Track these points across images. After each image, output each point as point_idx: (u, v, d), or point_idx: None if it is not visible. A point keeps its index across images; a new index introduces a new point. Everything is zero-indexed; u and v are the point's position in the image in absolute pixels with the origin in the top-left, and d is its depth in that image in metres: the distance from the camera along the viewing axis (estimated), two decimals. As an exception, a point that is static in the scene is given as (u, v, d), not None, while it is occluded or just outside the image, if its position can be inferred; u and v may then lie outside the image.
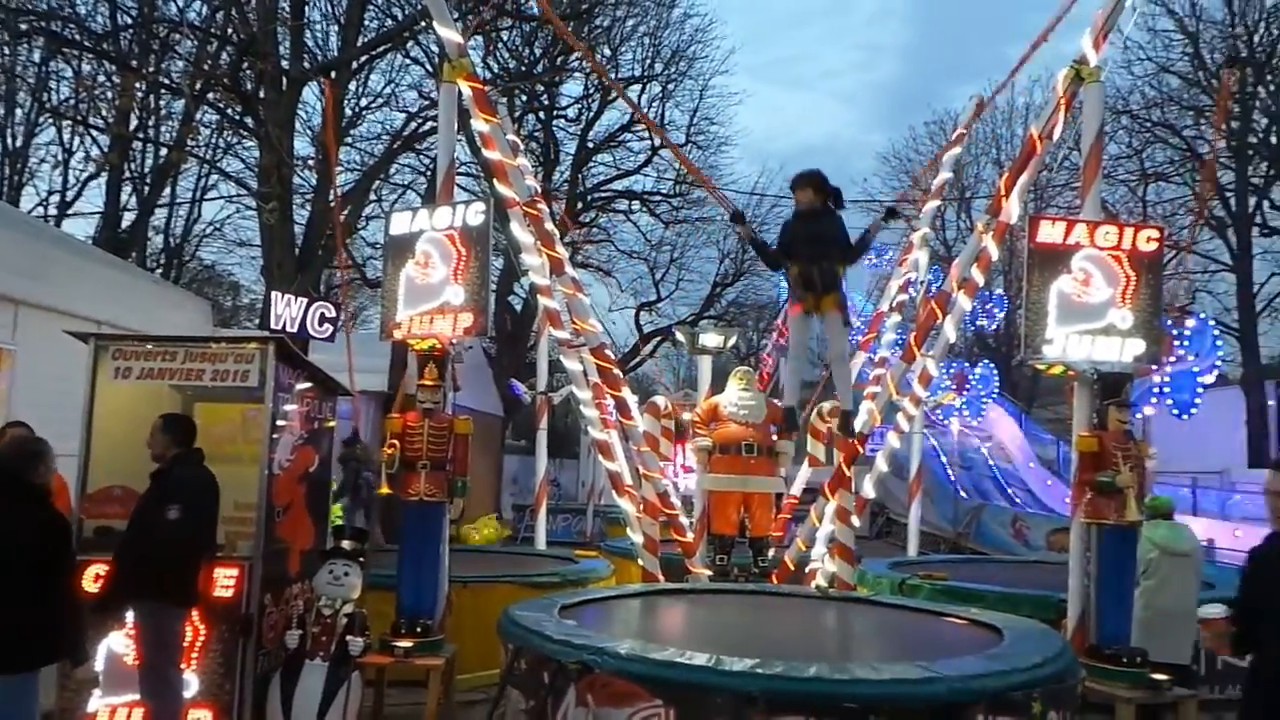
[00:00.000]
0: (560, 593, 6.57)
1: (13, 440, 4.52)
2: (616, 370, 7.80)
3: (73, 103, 16.64)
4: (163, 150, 17.75)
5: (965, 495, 18.91)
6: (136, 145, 18.14)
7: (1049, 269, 5.99)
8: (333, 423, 6.52)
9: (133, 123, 17.05)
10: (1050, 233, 6.05)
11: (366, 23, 16.02)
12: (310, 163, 15.02)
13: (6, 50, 16.96)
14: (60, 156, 20.00)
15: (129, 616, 4.74)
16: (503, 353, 23.61)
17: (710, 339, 8.92)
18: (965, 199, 28.52)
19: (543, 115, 24.54)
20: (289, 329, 8.53)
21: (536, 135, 24.64)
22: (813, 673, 3.78)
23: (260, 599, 5.17)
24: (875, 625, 5.90)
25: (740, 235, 7.52)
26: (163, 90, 16.57)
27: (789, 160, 47.14)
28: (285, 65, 13.98)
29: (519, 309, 24.13)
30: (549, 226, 7.65)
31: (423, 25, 14.84)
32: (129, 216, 18.61)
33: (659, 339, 28.03)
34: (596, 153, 25.90)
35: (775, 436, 7.73)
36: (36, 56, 17.45)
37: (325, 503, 6.42)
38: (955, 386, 16.23)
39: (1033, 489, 20.29)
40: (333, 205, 12.25)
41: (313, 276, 13.91)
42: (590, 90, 25.07)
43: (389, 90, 19.79)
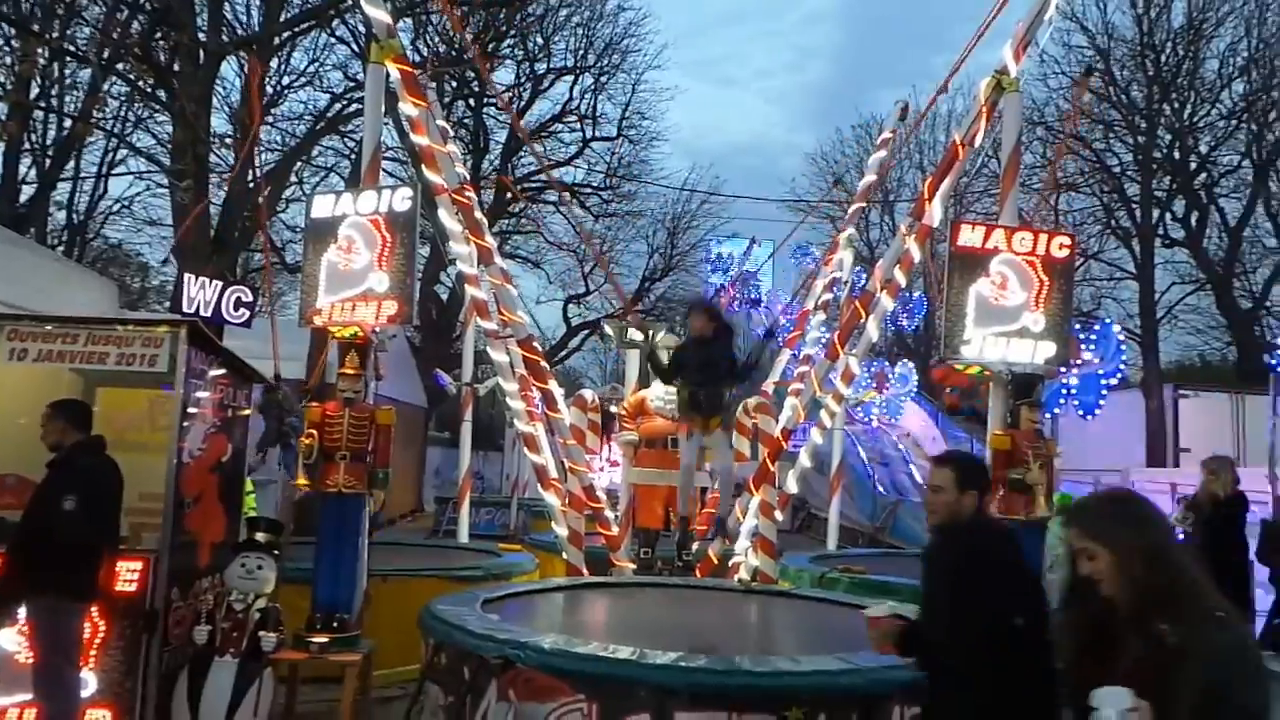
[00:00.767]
0: (483, 587, 6.49)
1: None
2: (543, 362, 7.73)
3: (-34, 68, 15.65)
4: (67, 121, 16.85)
5: (883, 491, 19.41)
6: (38, 115, 17.17)
7: (968, 272, 6.17)
8: (248, 411, 6.30)
9: (34, 91, 16.13)
10: (970, 237, 6.24)
11: (290, -3, 15.52)
12: (228, 141, 14.45)
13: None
14: (-48, 125, 18.81)
15: (22, 612, 4.49)
16: (427, 343, 23.22)
17: (638, 333, 8.91)
18: (889, 202, 29.22)
19: (473, 102, 24.19)
20: (202, 313, 8.19)
21: (466, 122, 24.28)
22: (736, 665, 3.82)
23: (166, 593, 4.95)
24: (796, 618, 6.00)
25: (640, 350, 8.13)
26: (68, 58, 15.71)
27: (719, 158, 47.79)
28: (202, 37, 13.41)
29: (445, 298, 23.75)
30: (477, 215, 7.53)
31: (349, 3, 14.43)
32: (28, 190, 17.62)
33: (587, 332, 27.99)
34: (530, 141, 25.65)
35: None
36: (-74, 17, 16.37)
37: (238, 493, 6.20)
38: (876, 385, 16.64)
39: (947, 485, 20.90)
40: (252, 186, 11.82)
41: (229, 259, 13.40)
42: (521, 79, 24.83)
43: (313, 69, 19.21)
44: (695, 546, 7.84)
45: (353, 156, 17.77)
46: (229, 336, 8.79)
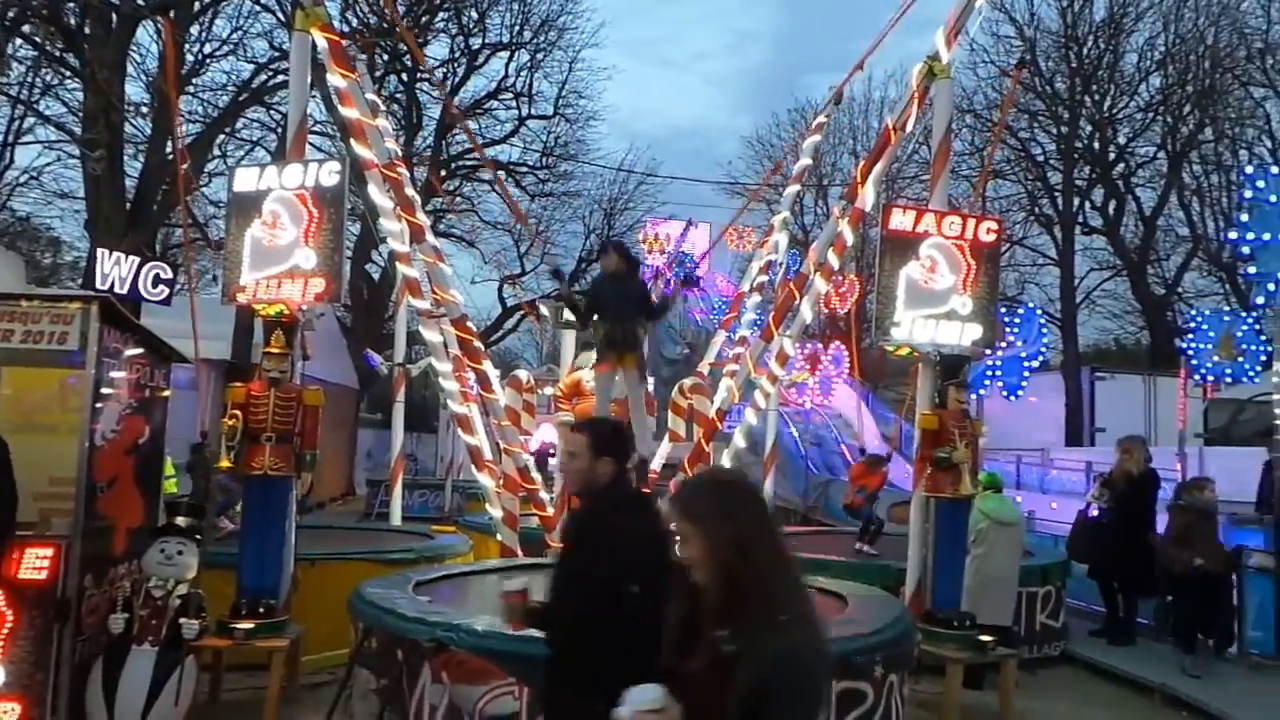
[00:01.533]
0: (415, 569, 6.39)
1: None
2: (478, 343, 7.62)
3: None
4: (-32, 88, 15.90)
5: (815, 470, 19.75)
6: (-64, 79, 16.16)
7: (899, 255, 6.27)
8: (167, 391, 6.05)
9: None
10: (901, 220, 6.34)
11: (211, -39, 14.89)
12: (144, 110, 13.83)
13: None
14: None
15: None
16: (358, 322, 22.73)
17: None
18: (823, 186, 29.58)
19: (405, 77, 23.62)
20: (118, 290, 7.85)
21: (398, 97, 23.71)
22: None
23: (79, 581, 4.75)
24: (729, 596, 6.05)
25: (559, 292, 8.06)
26: (-32, 20, 14.81)
27: (658, 140, 47.64)
28: (115, 0, 12.78)
29: (377, 277, 23.25)
30: (409, 192, 7.36)
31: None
32: (-73, 160, 16.62)
33: (523, 312, 27.75)
34: (463, 118, 25.20)
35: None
36: None
37: (156, 477, 5.96)
38: (809, 366, 16.88)
39: (877, 464, 21.43)
40: (171, 158, 11.35)
41: (147, 234, 12.87)
42: (455, 54, 24.33)
43: (236, 37, 18.47)
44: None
45: (279, 130, 17.19)
46: (148, 315, 8.46)
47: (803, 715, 1.78)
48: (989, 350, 7.61)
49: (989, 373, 11.53)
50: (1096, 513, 8.44)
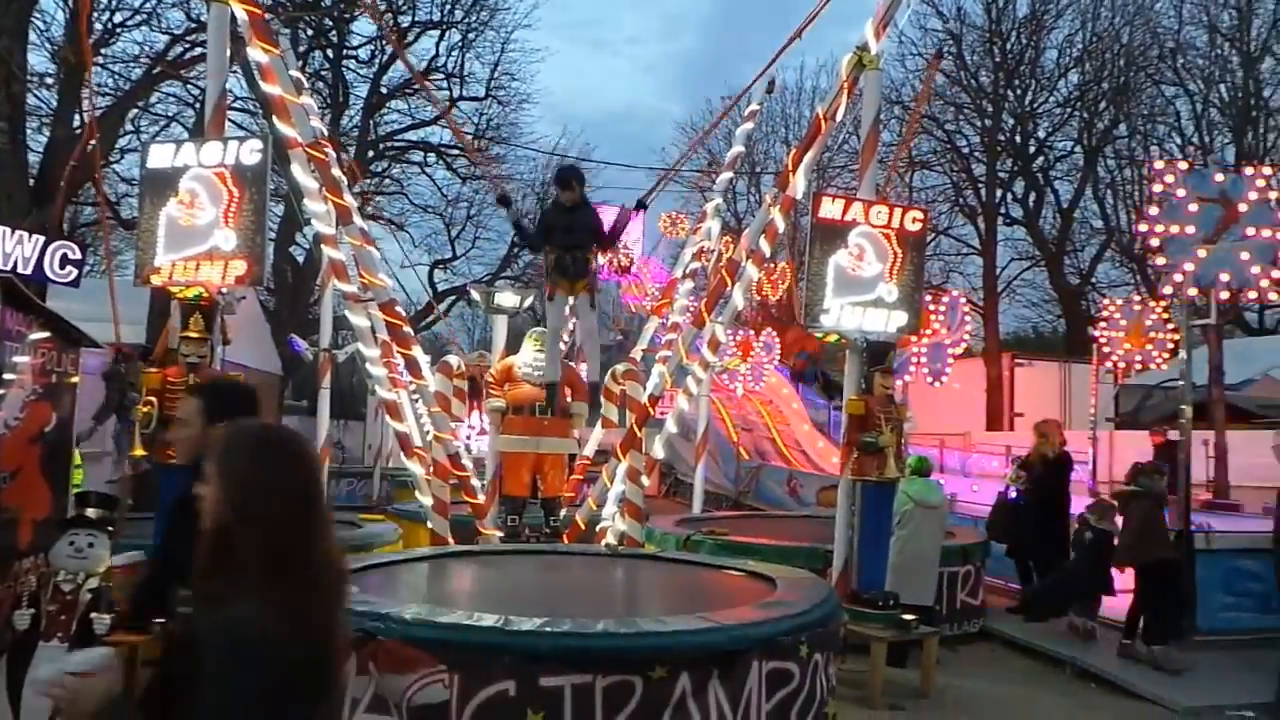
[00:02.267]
0: (342, 559, 6.25)
1: None
2: (407, 327, 7.49)
3: None
4: None
5: (747, 456, 20.02)
6: None
7: (828, 243, 6.37)
8: (75, 378, 5.79)
9: None
10: (830, 209, 6.43)
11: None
12: (49, 81, 13.14)
13: None
14: None
15: None
16: (283, 306, 22.08)
17: (506, 299, 8.77)
18: (755, 174, 29.85)
19: (331, 54, 22.95)
20: (21, 270, 7.45)
21: (324, 74, 23.03)
22: (600, 628, 3.84)
23: (-19, 576, 4.52)
24: (661, 580, 6.10)
25: (506, 217, 8.11)
26: None
27: (591, 124, 47.26)
28: (17, -36, 12.10)
29: (302, 260, 22.62)
30: (335, 172, 7.16)
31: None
32: None
33: (454, 298, 27.36)
34: (390, 99, 24.65)
35: (570, 398, 7.78)
36: None
37: (65, 466, 5.71)
38: (741, 353, 17.06)
39: (807, 450, 21.84)
40: (79, 132, 10.82)
41: (54, 212, 12.25)
42: (384, 31, 23.71)
43: (149, 6, 17.66)
44: (563, 513, 7.85)
45: (196, 105, 16.54)
46: (55, 297, 8.06)
47: (245, 689, 1.60)
48: (914, 337, 7.79)
49: (914, 359, 11.83)
50: (1014, 494, 8.75)
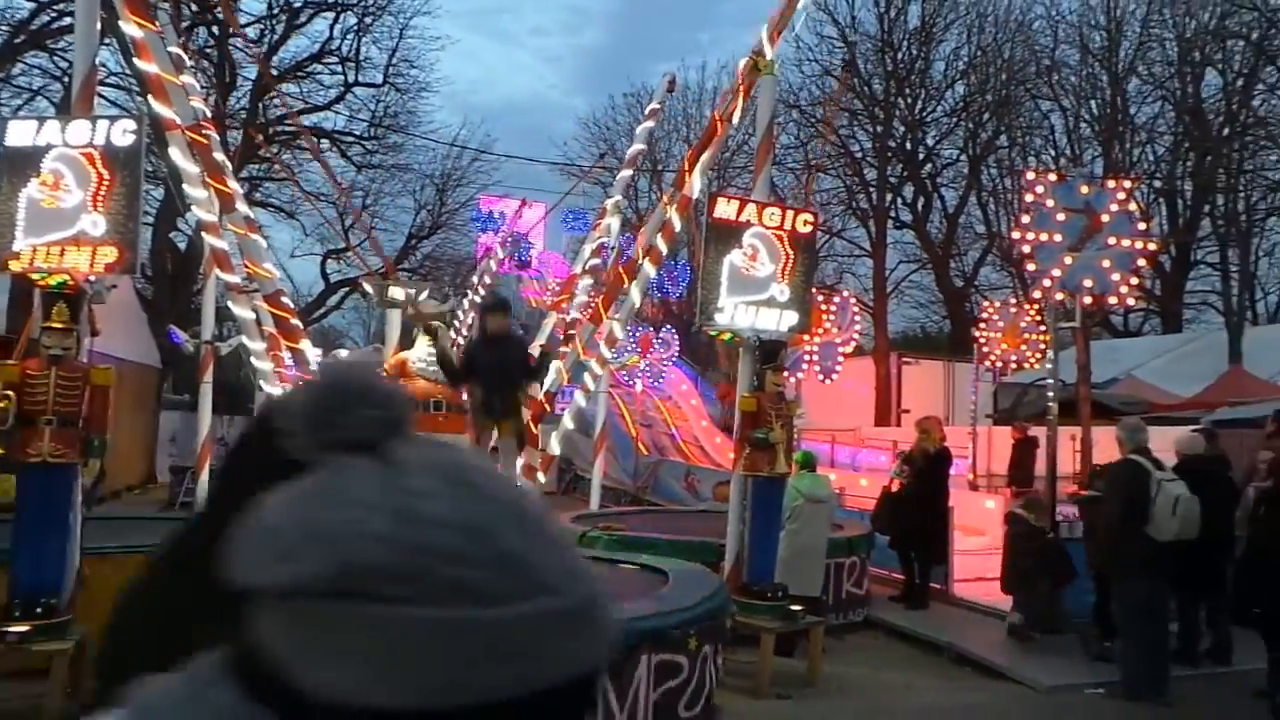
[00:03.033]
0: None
1: None
2: (295, 320, 7.23)
3: None
4: None
5: (646, 452, 20.19)
6: None
7: (723, 243, 6.49)
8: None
9: None
10: (725, 210, 6.55)
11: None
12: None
13: None
14: None
15: None
16: (162, 296, 20.99)
17: (399, 293, 8.57)
18: (657, 171, 30.08)
19: (217, 31, 21.91)
20: None
21: (209, 52, 21.97)
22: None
23: None
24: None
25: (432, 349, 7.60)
26: None
27: (492, 115, 46.56)
28: None
29: (185, 247, 21.55)
30: (219, 156, 6.85)
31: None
32: None
33: (348, 290, 26.57)
34: (281, 81, 23.70)
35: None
36: None
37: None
38: (641, 350, 17.19)
39: (705, 446, 22.19)
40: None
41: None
42: (275, 9, 22.82)
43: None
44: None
45: (64, 79, 15.52)
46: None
47: None
48: (806, 336, 8.02)
49: (806, 357, 12.17)
50: (897, 487, 9.12)
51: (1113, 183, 8.33)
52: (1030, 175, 8.26)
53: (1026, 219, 8.07)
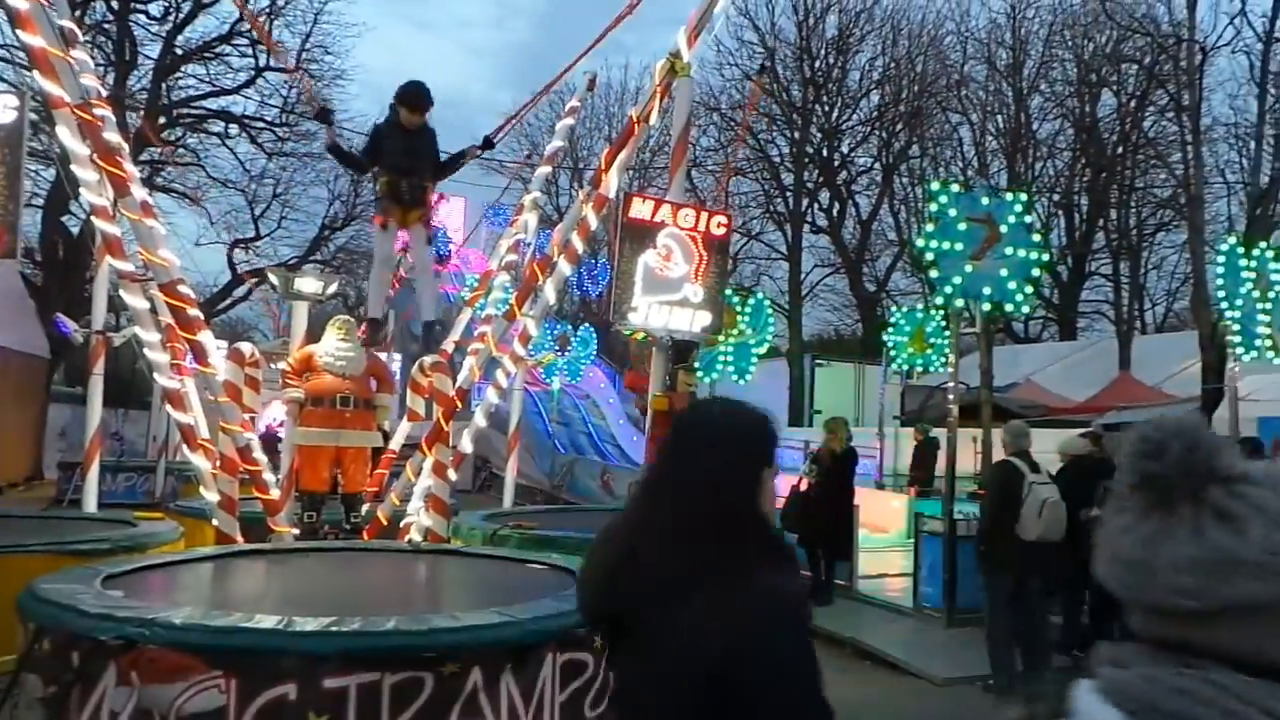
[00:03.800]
0: (110, 561, 5.72)
1: None
2: (194, 310, 6.94)
3: None
4: None
5: (562, 449, 20.13)
6: None
7: (638, 243, 6.52)
8: None
9: None
10: (640, 210, 6.59)
11: None
12: None
13: None
14: None
15: None
16: (52, 283, 19.90)
17: (306, 284, 8.32)
18: (579, 169, 30.02)
19: (116, 5, 20.88)
20: None
21: (107, 27, 20.92)
22: (390, 626, 3.74)
23: None
24: (464, 576, 6.02)
25: (327, 143, 7.35)
26: None
27: (412, 106, 45.51)
28: None
29: (77, 232, 20.46)
30: (113, 137, 6.52)
31: None
32: None
33: (256, 280, 25.67)
34: (186, 62, 22.75)
35: (375, 389, 7.53)
36: None
37: None
38: (559, 347, 17.14)
39: (621, 444, 22.27)
40: None
41: None
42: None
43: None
44: (364, 509, 7.58)
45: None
46: None
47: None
48: (718, 336, 8.12)
49: (721, 358, 12.34)
50: (806, 486, 9.33)
51: (1010, 195, 8.70)
52: (935, 185, 8.55)
53: (930, 227, 8.35)
